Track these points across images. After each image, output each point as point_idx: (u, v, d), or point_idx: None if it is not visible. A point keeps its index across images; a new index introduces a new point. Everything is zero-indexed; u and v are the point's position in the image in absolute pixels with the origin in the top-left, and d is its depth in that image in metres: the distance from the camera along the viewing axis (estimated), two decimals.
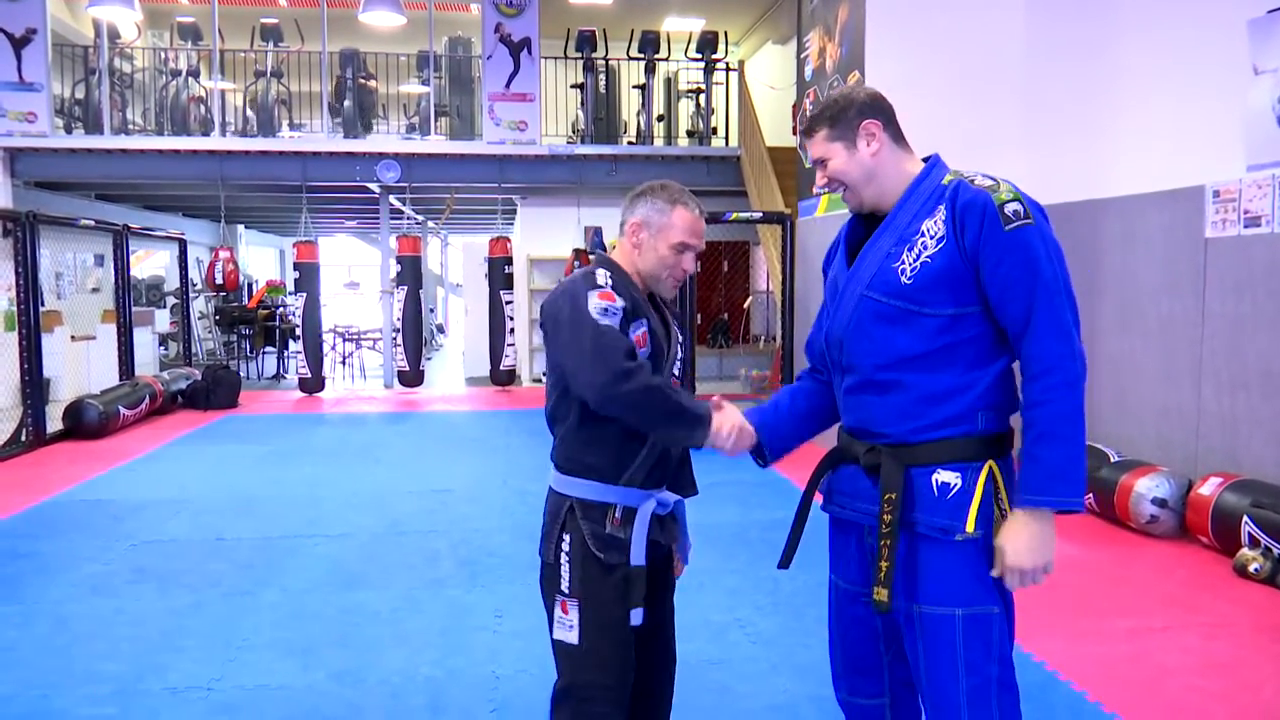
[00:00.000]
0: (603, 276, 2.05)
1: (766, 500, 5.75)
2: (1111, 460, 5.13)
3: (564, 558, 2.07)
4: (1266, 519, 4.14)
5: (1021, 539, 1.75)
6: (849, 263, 1.97)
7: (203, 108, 11.13)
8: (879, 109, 1.92)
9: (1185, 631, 3.58)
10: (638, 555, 2.04)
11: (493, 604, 3.94)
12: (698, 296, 8.66)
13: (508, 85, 10.50)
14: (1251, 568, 4.10)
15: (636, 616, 2.05)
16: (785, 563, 2.10)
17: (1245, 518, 4.23)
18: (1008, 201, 1.75)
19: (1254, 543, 4.18)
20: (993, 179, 1.80)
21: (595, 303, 1.99)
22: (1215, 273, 4.91)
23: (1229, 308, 4.82)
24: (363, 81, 11.14)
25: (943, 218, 1.80)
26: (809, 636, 3.55)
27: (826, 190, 2.01)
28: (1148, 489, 4.77)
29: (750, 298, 11.04)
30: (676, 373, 2.22)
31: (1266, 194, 4.58)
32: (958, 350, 1.81)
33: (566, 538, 2.07)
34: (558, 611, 2.08)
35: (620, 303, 2.02)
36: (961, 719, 1.77)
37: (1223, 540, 4.40)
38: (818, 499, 2.08)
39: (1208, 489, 4.53)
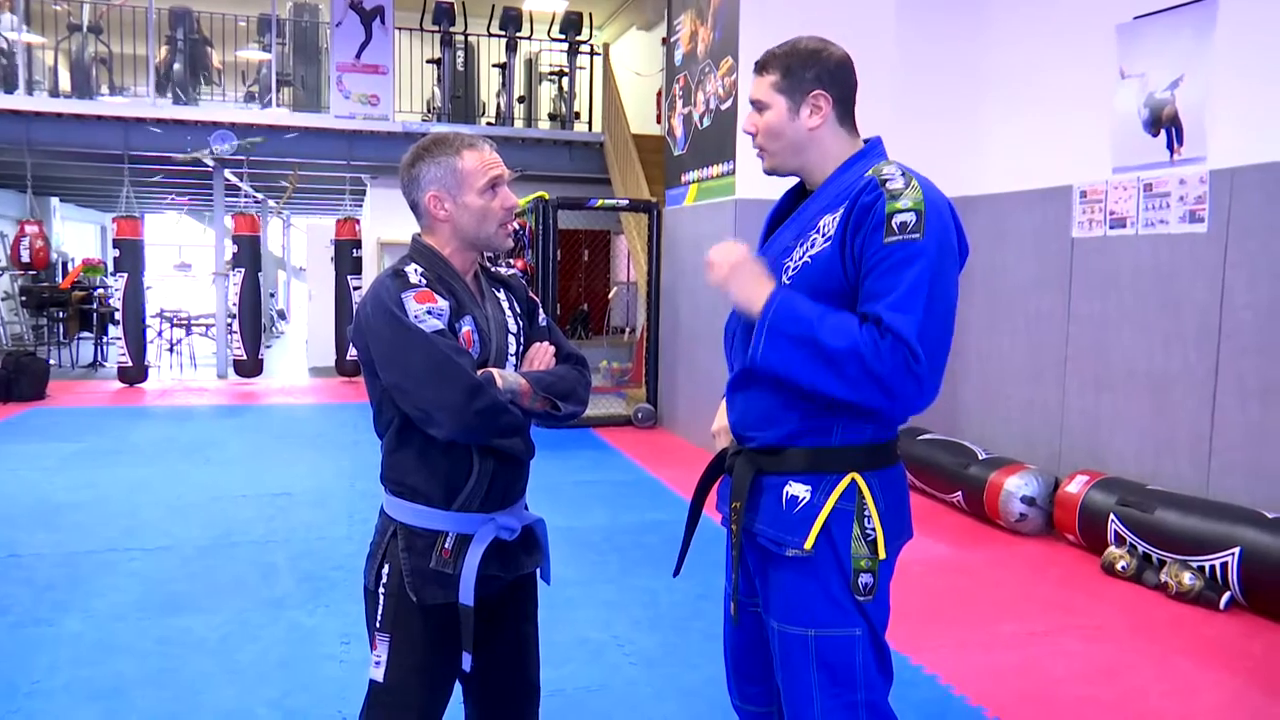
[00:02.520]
0: (414, 273, 1.75)
1: (635, 501, 5.49)
2: (979, 457, 5.14)
3: (382, 588, 1.81)
4: (1132, 517, 4.19)
5: (750, 267, 1.68)
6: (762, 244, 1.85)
7: (3, 60, 9.90)
8: (839, 81, 1.73)
9: (1066, 635, 3.53)
10: (465, 593, 1.76)
11: (339, 627, 3.50)
12: (558, 286, 8.33)
13: (358, 56, 9.82)
14: (1119, 566, 4.14)
15: (465, 661, 1.79)
16: (676, 570, 2.00)
17: (1112, 516, 4.28)
18: (901, 211, 1.56)
19: (1120, 540, 4.22)
20: (906, 181, 1.60)
21: (415, 306, 1.70)
22: (1081, 272, 4.97)
23: (1094, 307, 4.89)
24: (196, 43, 10.18)
25: (840, 215, 1.62)
26: (694, 655, 3.29)
27: (751, 137, 1.79)
28: (1017, 487, 4.78)
29: (615, 288, 10.81)
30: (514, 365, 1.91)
31: (1131, 195, 4.65)
32: None
33: (387, 567, 1.80)
34: (372, 648, 1.84)
35: (442, 302, 1.73)
36: None
37: (1089, 538, 4.44)
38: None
39: (1074, 487, 4.57)
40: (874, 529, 1.66)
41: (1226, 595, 3.75)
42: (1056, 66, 5.16)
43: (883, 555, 1.67)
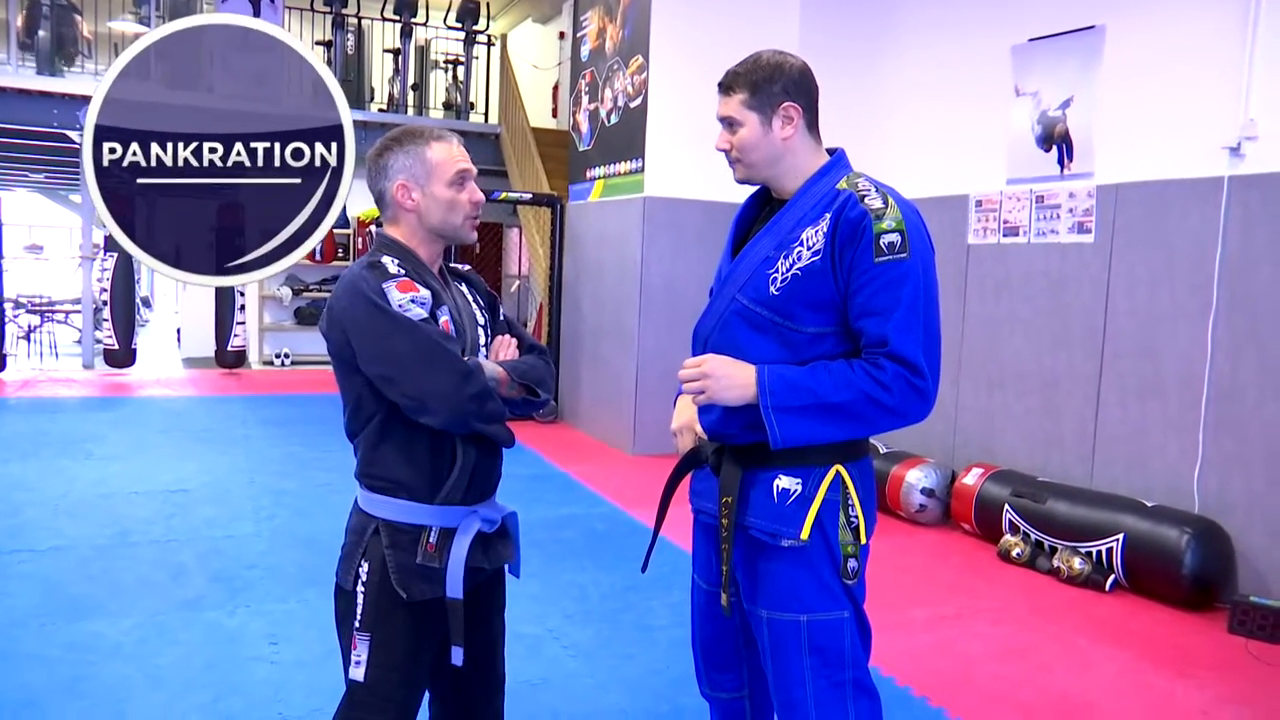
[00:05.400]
0: (392, 264, 1.76)
1: (547, 495, 5.50)
2: (881, 451, 5.38)
3: (361, 586, 1.79)
4: (1025, 507, 4.49)
5: (724, 364, 1.72)
6: (734, 253, 1.89)
7: None
8: (804, 90, 1.81)
9: (974, 618, 3.77)
10: (454, 586, 1.77)
11: (263, 627, 3.39)
12: None
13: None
14: (1014, 553, 4.43)
15: (456, 655, 1.80)
16: (644, 566, 2.07)
17: (1006, 506, 4.57)
18: (887, 231, 1.68)
19: (1014, 529, 4.52)
20: (884, 198, 1.71)
21: (398, 295, 1.71)
22: (976, 277, 5.27)
23: (988, 310, 5.20)
24: (63, 10, 9.52)
25: (825, 229, 1.71)
26: (630, 646, 3.36)
27: (725, 153, 1.85)
28: (917, 479, 5.05)
29: (516, 283, 10.75)
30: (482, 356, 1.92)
31: (1024, 206, 4.97)
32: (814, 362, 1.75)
33: (366, 564, 1.79)
34: (352, 647, 1.81)
35: (424, 291, 1.75)
36: None
37: (984, 527, 4.73)
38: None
39: (971, 479, 4.85)
40: (857, 516, 1.77)
41: (1111, 578, 4.08)
42: (955, 82, 5.44)
43: (863, 540, 1.78)
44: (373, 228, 9.66)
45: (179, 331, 12.64)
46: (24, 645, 3.18)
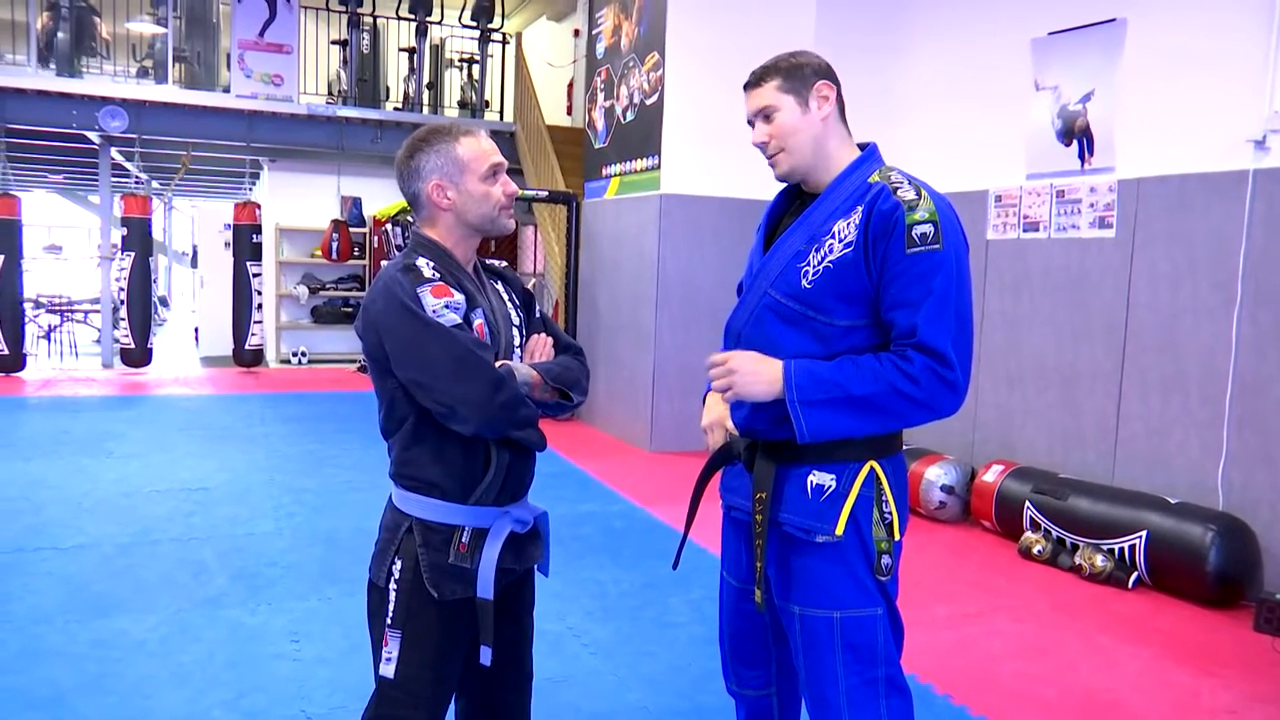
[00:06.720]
0: (427, 267, 1.75)
1: (565, 493, 5.50)
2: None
3: (393, 584, 1.79)
4: (1046, 504, 4.46)
5: (751, 360, 1.73)
6: (765, 247, 1.88)
7: None
8: (832, 76, 1.82)
9: (995, 615, 3.75)
10: (485, 587, 1.77)
11: (285, 625, 3.40)
12: None
13: (262, 33, 9.45)
14: (1035, 550, 4.40)
15: (485, 656, 1.80)
16: (675, 562, 2.10)
17: (1027, 503, 4.54)
18: (920, 223, 1.66)
19: (1035, 526, 4.49)
20: (916, 191, 1.71)
21: (432, 301, 1.70)
22: (995, 272, 5.24)
23: (1007, 305, 5.16)
24: (82, 11, 9.58)
25: (857, 221, 1.71)
26: (650, 644, 3.35)
27: (761, 148, 1.84)
28: (937, 476, 5.02)
29: (533, 281, 10.76)
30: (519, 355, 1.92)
31: (1044, 201, 4.93)
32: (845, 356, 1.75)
33: (399, 562, 1.79)
34: (383, 644, 1.81)
35: (459, 295, 1.74)
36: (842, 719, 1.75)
37: (1005, 524, 4.70)
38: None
39: (991, 476, 4.82)
40: (891, 513, 1.76)
41: (1134, 575, 4.04)
42: (974, 77, 5.41)
43: (897, 537, 1.77)
44: (387, 226, 9.68)
45: (196, 331, 12.74)
46: (49, 642, 3.20)
